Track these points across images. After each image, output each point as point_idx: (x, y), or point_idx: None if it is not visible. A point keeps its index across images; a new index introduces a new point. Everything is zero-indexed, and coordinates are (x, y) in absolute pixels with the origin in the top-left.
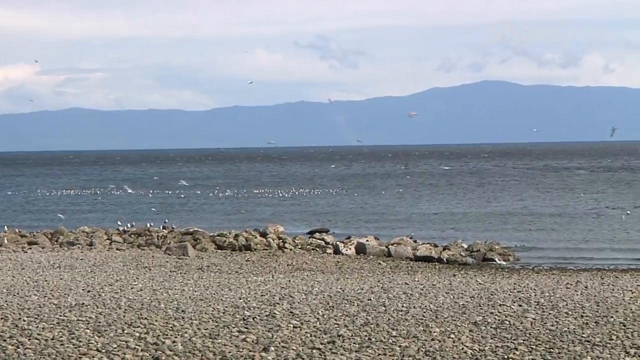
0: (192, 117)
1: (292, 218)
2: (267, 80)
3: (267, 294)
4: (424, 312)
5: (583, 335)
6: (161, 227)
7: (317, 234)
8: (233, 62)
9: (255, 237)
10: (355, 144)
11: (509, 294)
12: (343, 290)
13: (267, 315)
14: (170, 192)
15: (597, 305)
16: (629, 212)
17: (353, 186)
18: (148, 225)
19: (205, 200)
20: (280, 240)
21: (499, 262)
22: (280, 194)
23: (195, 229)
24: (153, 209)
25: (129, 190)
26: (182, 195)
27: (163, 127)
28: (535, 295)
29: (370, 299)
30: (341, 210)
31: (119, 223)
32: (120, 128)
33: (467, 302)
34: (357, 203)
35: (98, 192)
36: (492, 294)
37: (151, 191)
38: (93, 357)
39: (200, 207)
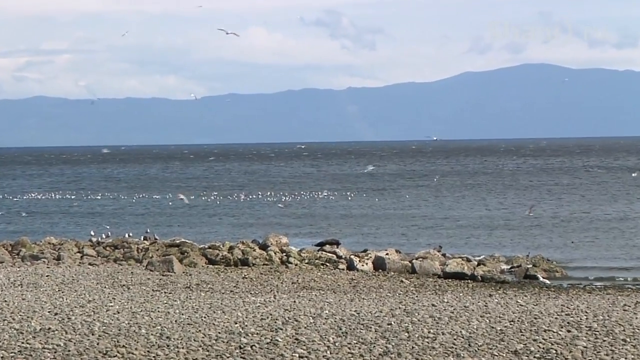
0: (178, 107)
1: (298, 227)
2: (267, 63)
3: (268, 317)
4: (455, 340)
5: None
6: (142, 238)
7: (327, 246)
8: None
9: (254, 250)
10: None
11: (556, 318)
12: (358, 313)
13: (267, 343)
14: (156, 196)
15: None
16: None
17: (368, 188)
18: (126, 235)
19: (194, 206)
20: (284, 254)
21: (542, 279)
22: (284, 199)
23: (182, 240)
24: (137, 217)
25: (106, 194)
26: (170, 203)
27: (144, 119)
28: (586, 318)
29: (391, 324)
30: (355, 217)
31: (92, 233)
32: (93, 120)
33: (505, 327)
34: (374, 209)
35: (67, 196)
36: (535, 318)
37: (136, 195)
38: None
39: (187, 213)
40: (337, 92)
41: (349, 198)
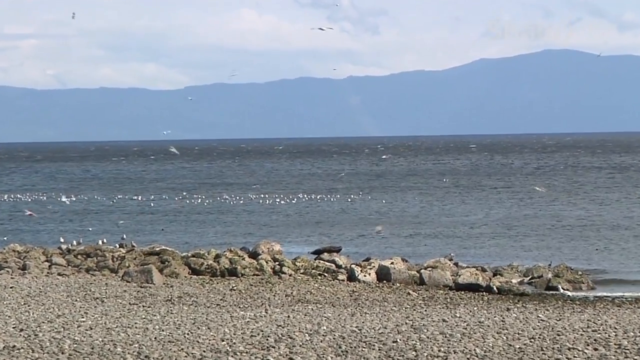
0: (158, 98)
1: (293, 233)
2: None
3: (258, 334)
4: (468, 359)
5: None
6: (117, 245)
7: (325, 254)
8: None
9: (243, 259)
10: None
11: (582, 334)
12: (360, 330)
13: None
14: (134, 198)
15: None
16: None
17: (371, 189)
18: (100, 242)
19: (176, 209)
20: (277, 263)
21: (563, 291)
22: (277, 201)
23: (163, 247)
24: (121, 222)
25: (73, 198)
26: (152, 204)
27: (120, 112)
28: (616, 335)
29: (397, 341)
30: (357, 221)
31: (62, 240)
32: (63, 112)
33: (525, 344)
34: (378, 212)
35: (35, 197)
36: (558, 335)
37: (112, 197)
38: None
39: (168, 217)
40: (336, 82)
41: (350, 200)
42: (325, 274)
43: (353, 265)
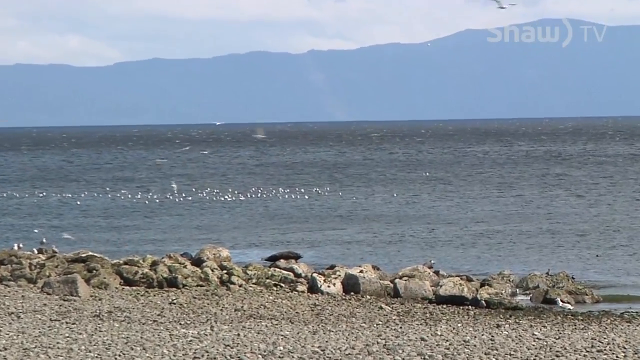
0: (84, 76)
1: (243, 235)
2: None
3: (203, 355)
4: None
5: None
6: (36, 251)
7: (282, 260)
8: None
9: (185, 267)
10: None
11: (584, 355)
12: (323, 351)
13: None
14: (56, 195)
15: None
16: None
17: (337, 183)
18: (15, 247)
19: (106, 207)
20: (224, 272)
21: (563, 304)
22: (224, 198)
23: (90, 253)
24: (40, 223)
25: None
26: (78, 202)
27: (39, 92)
28: (625, 356)
29: None
30: (320, 221)
31: None
32: None
33: None
34: (345, 211)
35: None
36: (557, 356)
37: (28, 193)
38: None
39: (96, 217)
40: (295, 57)
41: (311, 196)
42: (282, 285)
43: (315, 274)
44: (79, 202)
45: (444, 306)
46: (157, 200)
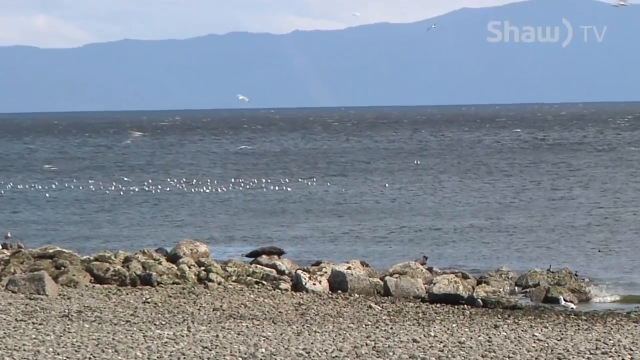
0: (51, 58)
1: (222, 229)
2: None
3: (179, 358)
4: None
5: None
6: (0, 246)
7: (263, 256)
8: None
9: (160, 263)
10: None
11: (589, 358)
12: (308, 353)
13: None
14: (20, 186)
15: None
16: None
17: (323, 172)
18: None
19: (75, 199)
20: (202, 268)
21: (565, 303)
22: (202, 190)
23: (58, 248)
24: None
25: None
26: (47, 194)
27: (3, 76)
28: (632, 359)
29: None
30: (304, 215)
31: None
32: None
33: None
34: (331, 202)
35: None
36: (559, 358)
37: None
38: None
39: (65, 209)
40: (277, 38)
41: (295, 187)
42: (264, 282)
43: (299, 271)
44: (47, 195)
45: (438, 305)
46: (132, 192)
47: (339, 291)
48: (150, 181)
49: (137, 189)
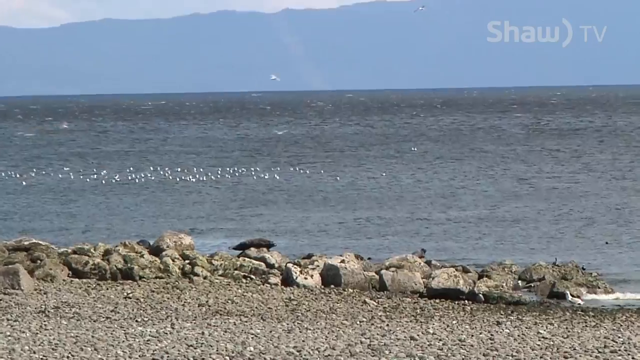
0: (26, 39)
1: (208, 220)
2: None
3: (162, 356)
4: None
5: None
6: None
7: (252, 249)
8: None
9: (142, 256)
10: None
11: (597, 356)
12: (299, 352)
13: None
14: None
15: None
16: None
17: (315, 159)
18: None
19: (52, 187)
20: (187, 262)
21: (572, 298)
22: (186, 178)
23: (34, 240)
24: None
25: None
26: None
27: None
28: None
29: None
30: (295, 205)
31: None
32: None
33: None
34: (324, 191)
35: None
36: (565, 357)
37: None
38: None
39: (41, 198)
40: (266, 17)
41: (285, 175)
42: (252, 277)
43: (290, 265)
44: (24, 183)
45: (437, 301)
46: (113, 180)
47: (332, 286)
48: (131, 169)
49: (117, 177)
